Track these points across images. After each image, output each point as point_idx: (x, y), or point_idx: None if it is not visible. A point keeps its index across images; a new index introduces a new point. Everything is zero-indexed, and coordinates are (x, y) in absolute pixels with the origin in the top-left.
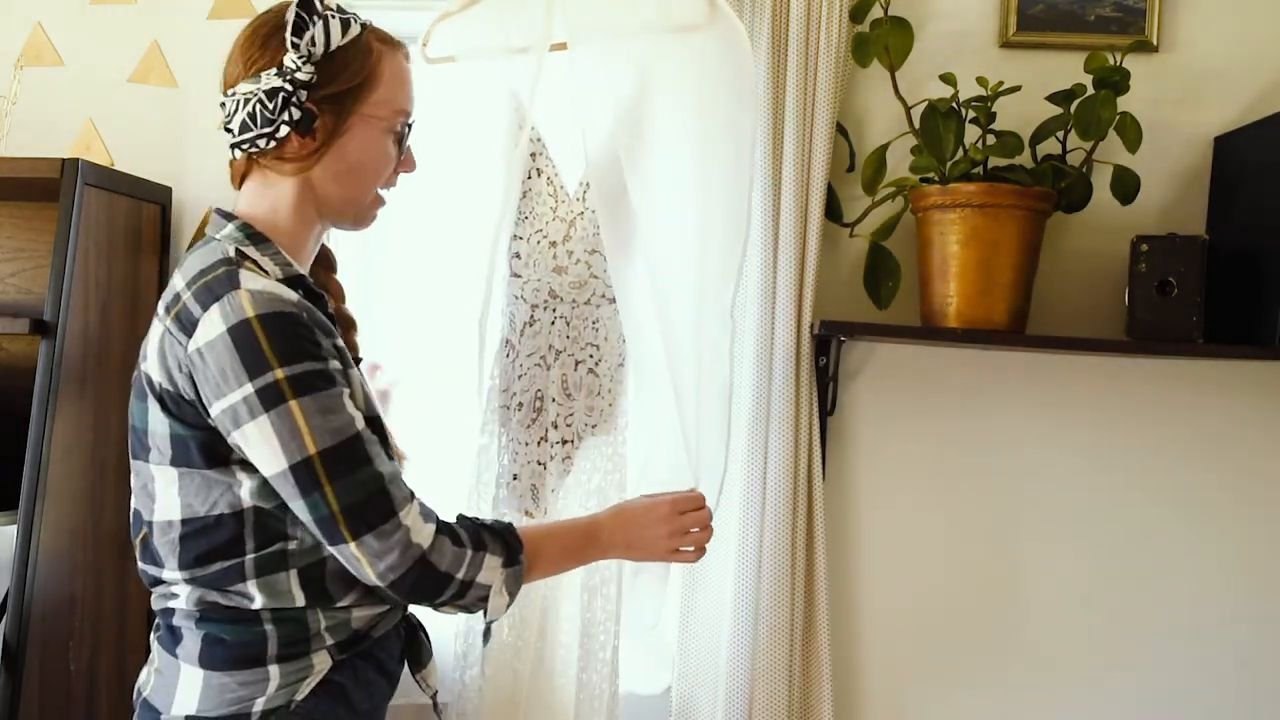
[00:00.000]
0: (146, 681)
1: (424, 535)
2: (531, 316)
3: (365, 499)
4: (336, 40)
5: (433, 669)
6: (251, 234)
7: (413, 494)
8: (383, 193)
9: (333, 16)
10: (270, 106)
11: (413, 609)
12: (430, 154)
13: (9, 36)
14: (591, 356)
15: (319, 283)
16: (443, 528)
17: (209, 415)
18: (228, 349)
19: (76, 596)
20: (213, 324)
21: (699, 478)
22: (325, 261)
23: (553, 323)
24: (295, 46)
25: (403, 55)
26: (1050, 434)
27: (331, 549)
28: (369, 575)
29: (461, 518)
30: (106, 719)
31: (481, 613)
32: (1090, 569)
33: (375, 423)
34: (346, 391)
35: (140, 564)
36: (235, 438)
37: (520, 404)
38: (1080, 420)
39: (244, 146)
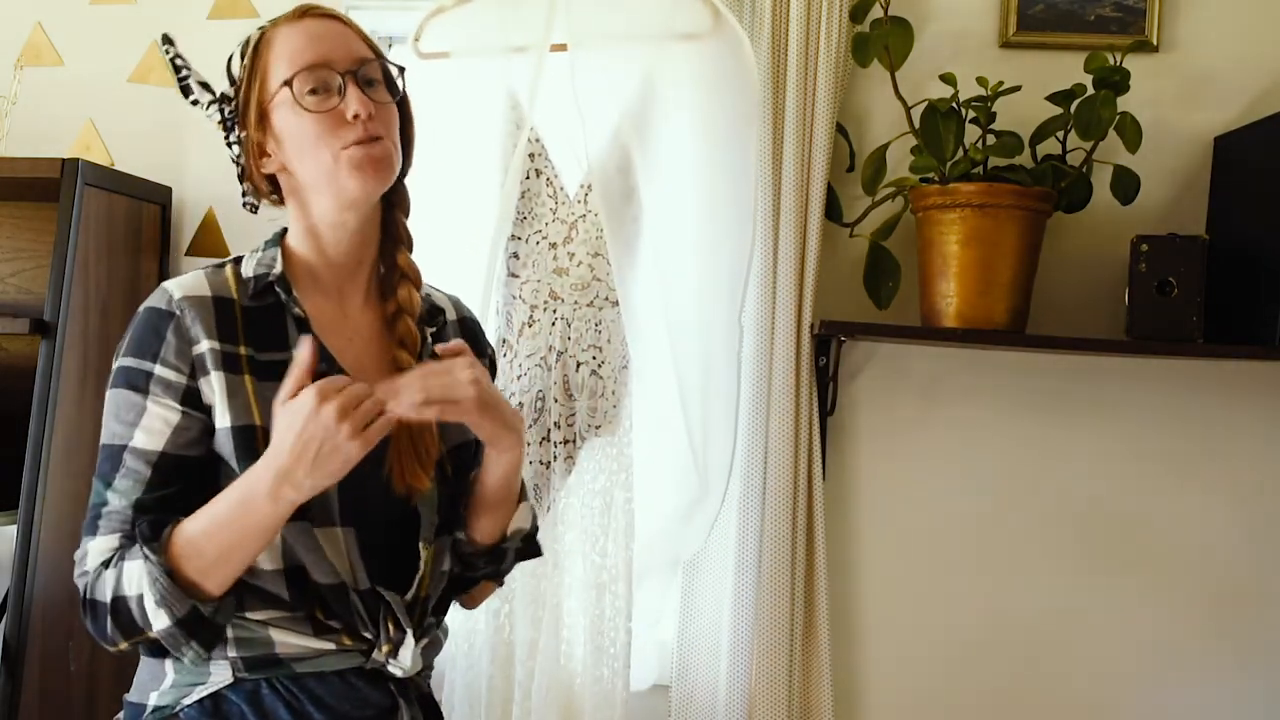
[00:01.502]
0: None
1: (91, 563)
2: (530, 317)
3: (90, 505)
4: (222, 78)
5: None
6: (274, 238)
7: (120, 532)
8: (352, 144)
9: (189, 73)
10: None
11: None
12: (425, 152)
13: (9, 36)
14: (594, 358)
15: (389, 262)
16: (116, 561)
17: None
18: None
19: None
20: None
21: (707, 479)
22: (394, 238)
23: (553, 324)
24: (197, 104)
25: (288, 19)
26: (1050, 434)
27: None
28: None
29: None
30: (106, 719)
31: (154, 632)
32: (1088, 568)
33: (243, 433)
34: (158, 408)
35: None
36: None
37: (520, 404)
38: (1080, 420)
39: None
